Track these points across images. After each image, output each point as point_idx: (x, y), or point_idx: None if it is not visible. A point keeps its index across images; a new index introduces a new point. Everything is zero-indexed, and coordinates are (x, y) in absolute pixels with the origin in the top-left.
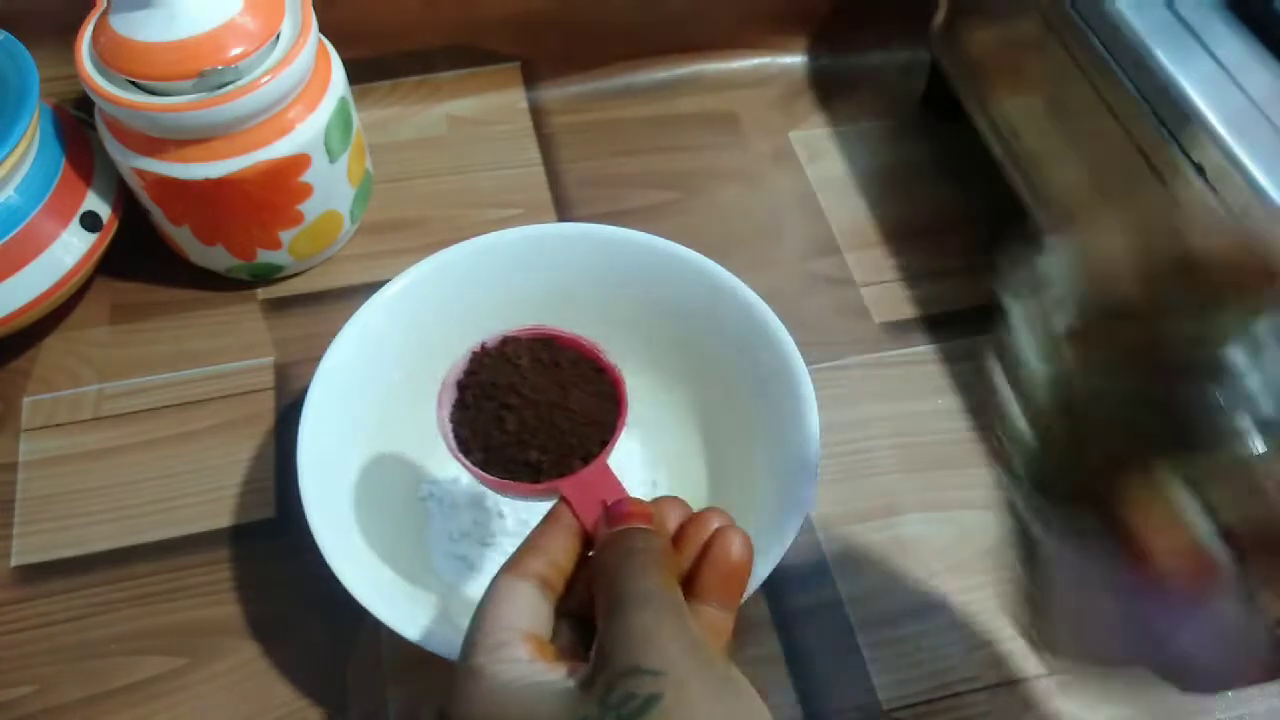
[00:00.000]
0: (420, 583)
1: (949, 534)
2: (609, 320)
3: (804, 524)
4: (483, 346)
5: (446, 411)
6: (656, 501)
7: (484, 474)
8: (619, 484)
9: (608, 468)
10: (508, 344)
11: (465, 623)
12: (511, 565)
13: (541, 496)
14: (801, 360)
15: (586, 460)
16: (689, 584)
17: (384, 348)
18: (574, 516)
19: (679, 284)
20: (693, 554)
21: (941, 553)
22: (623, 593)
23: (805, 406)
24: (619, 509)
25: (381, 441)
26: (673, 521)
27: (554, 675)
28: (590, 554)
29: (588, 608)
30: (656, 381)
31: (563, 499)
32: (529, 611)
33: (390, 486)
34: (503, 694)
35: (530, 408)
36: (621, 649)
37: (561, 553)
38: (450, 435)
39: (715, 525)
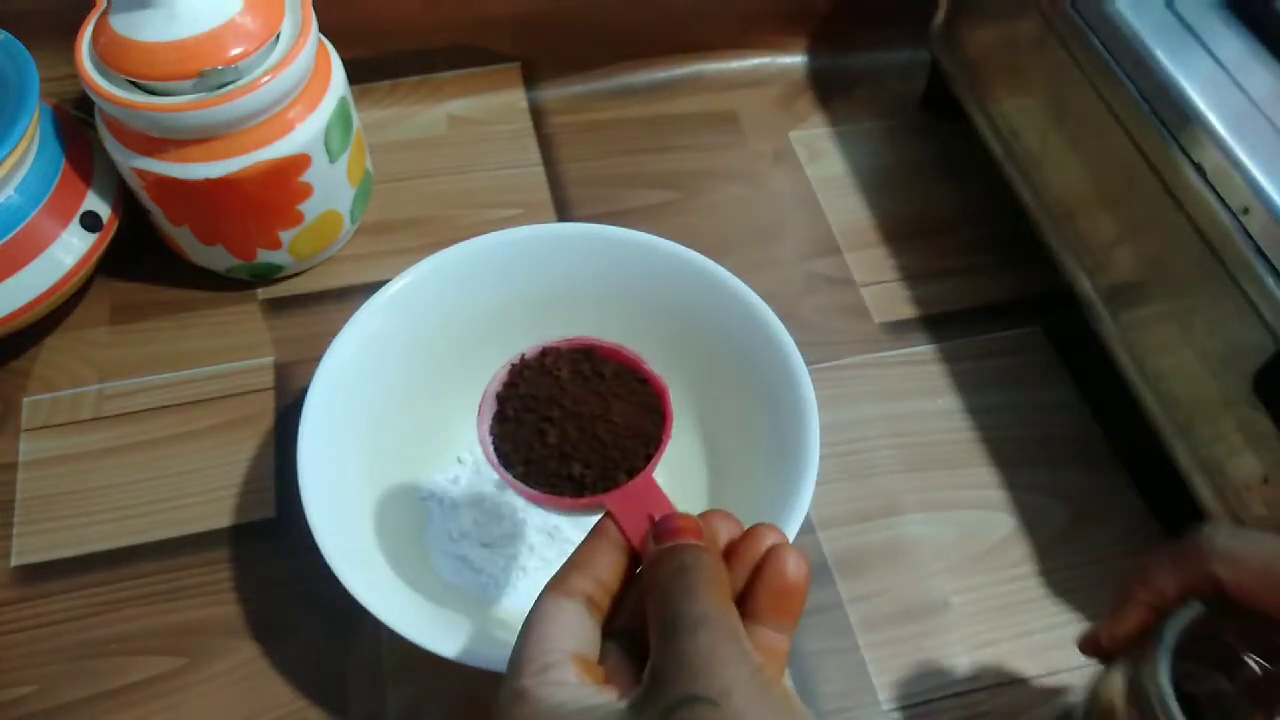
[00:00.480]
0: (420, 583)
1: (949, 534)
2: (608, 320)
3: (804, 524)
4: (521, 358)
5: (487, 425)
6: (705, 516)
7: (526, 488)
8: (666, 498)
9: (654, 481)
10: (547, 355)
11: (465, 622)
12: (556, 583)
13: (585, 511)
14: (801, 360)
15: (631, 474)
16: (741, 603)
17: (384, 348)
18: (620, 532)
19: (679, 284)
20: (745, 572)
21: (941, 553)
22: (677, 614)
23: (805, 406)
24: (667, 524)
25: (382, 441)
26: (723, 537)
27: (603, 698)
28: (639, 570)
29: (637, 626)
30: None
31: (608, 514)
32: (575, 631)
33: (390, 486)
34: (550, 717)
35: (572, 420)
36: (677, 674)
37: (607, 570)
38: (490, 448)
39: (769, 543)
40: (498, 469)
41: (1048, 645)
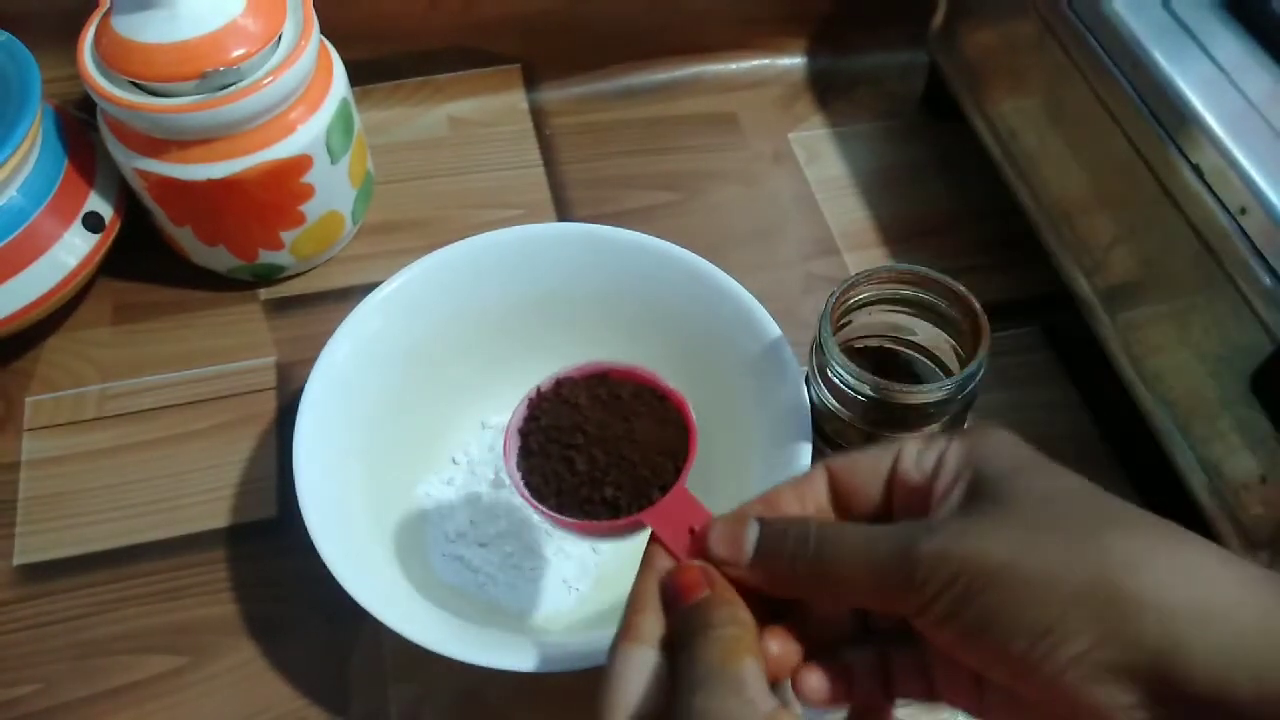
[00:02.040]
0: (418, 582)
1: None
2: (606, 321)
3: None
4: (538, 392)
5: (513, 461)
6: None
7: (562, 518)
8: (703, 508)
9: (688, 492)
10: (563, 386)
11: (465, 621)
12: (622, 631)
13: (625, 533)
14: (797, 363)
15: (664, 489)
16: None
17: (379, 348)
18: (666, 551)
19: (677, 285)
20: None
21: None
22: (679, 678)
23: (801, 410)
24: (672, 586)
25: (377, 442)
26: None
27: None
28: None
29: None
30: None
31: (651, 536)
32: (643, 683)
33: (386, 487)
34: None
35: (597, 445)
36: None
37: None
38: (521, 484)
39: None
40: (532, 504)
41: None
